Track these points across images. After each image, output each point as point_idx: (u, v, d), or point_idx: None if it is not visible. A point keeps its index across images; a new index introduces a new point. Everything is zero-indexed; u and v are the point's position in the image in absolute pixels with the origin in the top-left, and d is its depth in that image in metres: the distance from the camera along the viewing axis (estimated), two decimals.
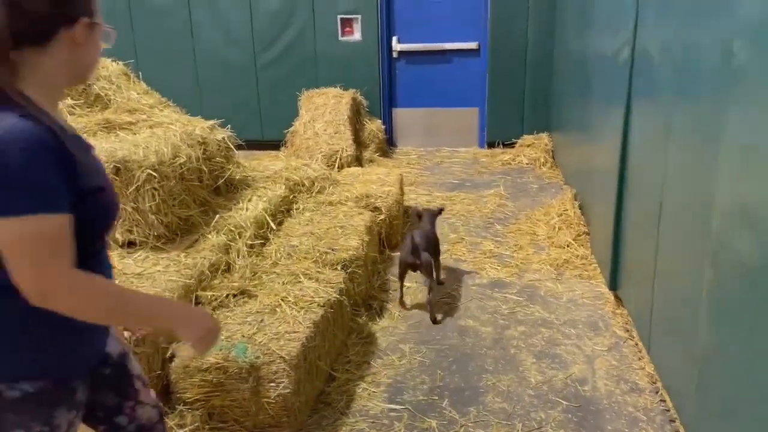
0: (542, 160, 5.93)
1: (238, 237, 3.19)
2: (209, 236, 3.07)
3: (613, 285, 3.37)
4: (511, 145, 6.43)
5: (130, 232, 2.84)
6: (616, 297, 3.37)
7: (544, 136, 6.25)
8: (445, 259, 3.95)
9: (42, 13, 1.17)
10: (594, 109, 3.93)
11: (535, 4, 6.16)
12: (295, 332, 2.46)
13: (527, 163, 6.01)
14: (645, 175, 2.80)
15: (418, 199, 5.07)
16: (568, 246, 4.03)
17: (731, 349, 1.78)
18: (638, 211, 2.93)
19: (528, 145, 6.22)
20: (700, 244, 2.01)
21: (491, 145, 6.65)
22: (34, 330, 1.22)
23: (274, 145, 6.49)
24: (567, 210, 4.40)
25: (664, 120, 2.48)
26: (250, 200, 3.62)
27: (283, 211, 3.76)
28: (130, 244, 2.87)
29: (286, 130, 6.28)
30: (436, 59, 6.57)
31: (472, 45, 6.52)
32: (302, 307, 2.65)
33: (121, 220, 2.82)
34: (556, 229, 4.26)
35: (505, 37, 6.30)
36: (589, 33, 4.11)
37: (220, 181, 3.55)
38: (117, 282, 1.43)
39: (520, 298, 3.46)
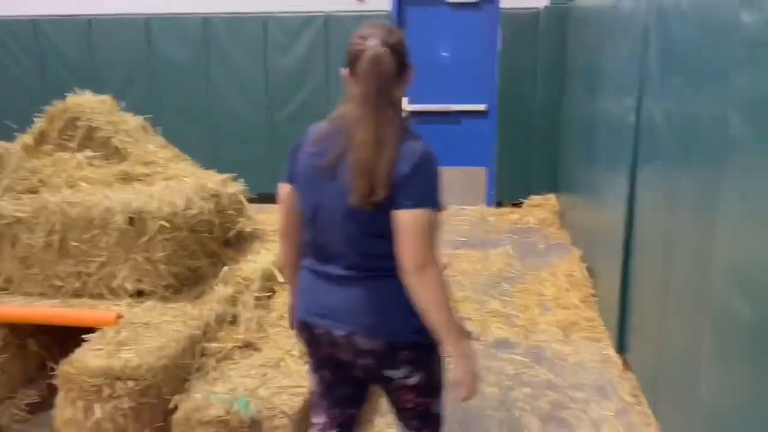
0: (550, 220, 5.97)
1: (245, 289, 3.21)
2: (217, 288, 3.10)
3: (621, 348, 3.35)
4: (519, 205, 6.49)
5: (140, 281, 2.88)
6: (624, 360, 3.33)
7: (552, 197, 6.31)
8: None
9: (405, 52, 1.65)
10: (600, 172, 3.99)
11: (544, 68, 6.34)
12: (298, 387, 2.45)
13: (535, 224, 6.05)
14: (650, 238, 2.83)
15: None
16: (575, 307, 4.01)
17: (736, 415, 1.76)
18: (644, 275, 2.95)
19: (536, 206, 6.28)
20: (702, 307, 2.02)
21: (499, 204, 6.71)
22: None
23: None
24: (574, 271, 4.40)
25: (668, 185, 2.53)
26: (258, 253, 3.66)
27: None
28: (140, 294, 2.90)
29: None
30: (446, 119, 6.72)
31: (481, 107, 6.69)
32: (306, 362, 2.64)
33: (132, 270, 2.87)
34: (564, 290, 4.26)
35: (513, 100, 6.46)
36: (596, 98, 4.22)
37: (231, 234, 3.60)
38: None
39: (526, 359, 3.43)
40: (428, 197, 1.58)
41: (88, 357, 2.37)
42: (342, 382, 1.82)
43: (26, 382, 2.87)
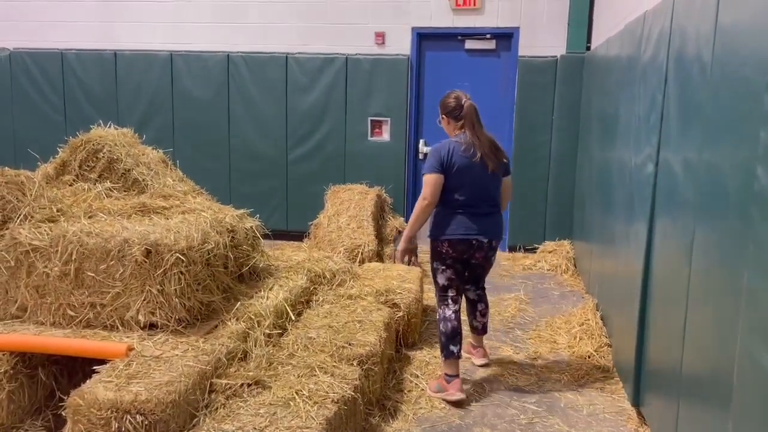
0: (564, 267, 5.93)
1: (257, 325, 3.19)
2: (229, 323, 3.08)
3: (636, 401, 3.27)
4: (533, 250, 6.46)
5: (153, 314, 2.87)
6: (639, 414, 3.25)
7: (566, 243, 6.28)
8: (463, 362, 3.89)
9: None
10: (617, 220, 3.97)
11: (559, 115, 6.39)
12: (307, 428, 2.41)
13: (548, 270, 6.01)
14: (670, 288, 2.79)
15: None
16: (589, 357, 3.94)
17: None
18: (662, 325, 2.89)
19: (550, 251, 6.24)
20: (727, 361, 1.98)
21: (512, 249, 6.68)
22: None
23: (298, 236, 6.60)
24: (588, 319, 4.34)
25: (687, 235, 2.50)
26: (271, 289, 3.65)
27: (303, 301, 3.77)
28: (152, 326, 2.88)
29: (311, 222, 6.39)
30: None
31: None
32: (316, 402, 2.60)
33: (145, 302, 2.86)
34: (577, 338, 4.19)
35: (528, 146, 6.50)
36: (613, 146, 4.23)
37: (245, 269, 3.60)
38: None
39: (539, 409, 3.36)
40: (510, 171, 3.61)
41: (98, 389, 2.34)
42: (463, 270, 3.58)
43: (34, 412, 2.84)
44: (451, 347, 3.41)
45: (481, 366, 3.84)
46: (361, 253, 5.66)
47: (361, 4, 6.72)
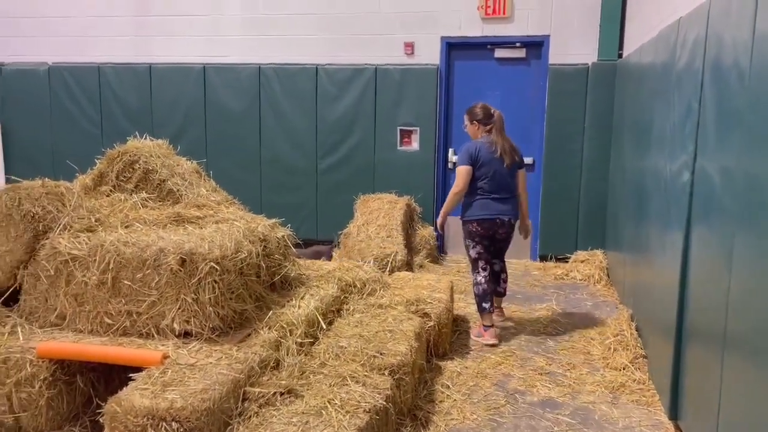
0: (596, 277, 5.84)
1: (288, 334, 3.21)
2: (261, 331, 3.11)
3: (674, 414, 3.19)
4: (564, 260, 6.38)
5: (187, 322, 2.91)
6: (677, 428, 3.17)
7: (599, 253, 6.19)
8: (494, 372, 3.86)
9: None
10: (652, 229, 3.90)
11: (591, 123, 6.32)
12: None
13: (581, 279, 5.92)
14: (707, 299, 2.73)
15: (467, 308, 5.02)
16: (624, 369, 3.87)
17: None
18: (700, 337, 2.83)
19: (582, 261, 6.15)
20: None
21: (543, 259, 6.61)
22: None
23: (327, 244, 6.63)
24: (623, 330, 4.26)
25: (726, 244, 2.45)
26: (302, 298, 3.67)
27: (333, 310, 3.78)
28: (186, 335, 2.92)
29: (340, 231, 6.42)
30: None
31: (527, 160, 6.65)
32: (348, 412, 2.60)
33: (180, 310, 2.90)
34: (612, 349, 4.11)
35: (560, 154, 6.45)
36: (647, 154, 4.17)
37: (277, 278, 3.63)
38: None
39: (573, 421, 3.30)
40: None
41: (135, 396, 2.38)
42: (491, 244, 4.48)
43: (72, 418, 2.89)
44: (484, 305, 4.38)
45: (501, 322, 4.72)
46: (391, 262, 5.67)
47: (390, 15, 6.76)
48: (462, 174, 4.32)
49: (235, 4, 7.08)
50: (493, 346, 4.27)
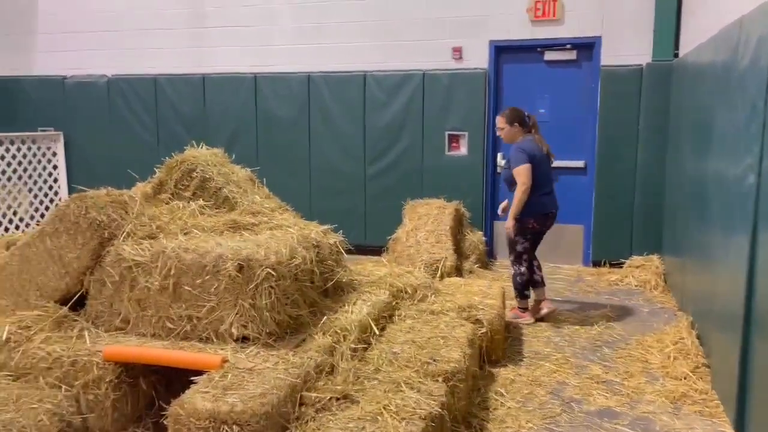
0: (653, 282, 5.68)
1: (342, 339, 3.23)
2: (316, 337, 3.14)
3: (740, 426, 3.07)
4: (619, 265, 6.23)
5: (245, 327, 2.97)
6: None
7: (655, 258, 6.02)
8: (549, 380, 3.80)
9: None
10: (714, 233, 3.77)
11: (646, 125, 6.17)
12: None
13: (636, 285, 5.77)
14: None
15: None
16: (685, 378, 3.74)
17: None
18: None
19: (637, 267, 5.99)
20: None
21: (597, 264, 6.47)
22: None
23: (376, 250, 6.66)
24: (683, 338, 4.13)
25: None
26: (355, 303, 3.69)
27: (385, 316, 3.79)
28: (244, 339, 2.98)
29: (389, 237, 6.44)
30: None
31: (579, 163, 6.56)
32: (404, 418, 2.60)
33: (238, 315, 2.96)
34: (671, 358, 3.99)
35: (613, 157, 6.31)
36: (708, 156, 4.04)
37: (329, 284, 3.67)
38: None
39: (633, 431, 3.21)
40: None
41: (197, 399, 2.44)
42: (537, 238, 4.85)
43: (135, 420, 2.99)
44: (526, 292, 4.86)
45: (550, 312, 4.89)
46: (441, 268, 5.65)
47: (438, 20, 6.76)
48: (526, 172, 4.55)
49: (286, 14, 7.21)
50: (529, 324, 4.81)
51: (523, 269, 4.79)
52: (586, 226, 6.59)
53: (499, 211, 5.14)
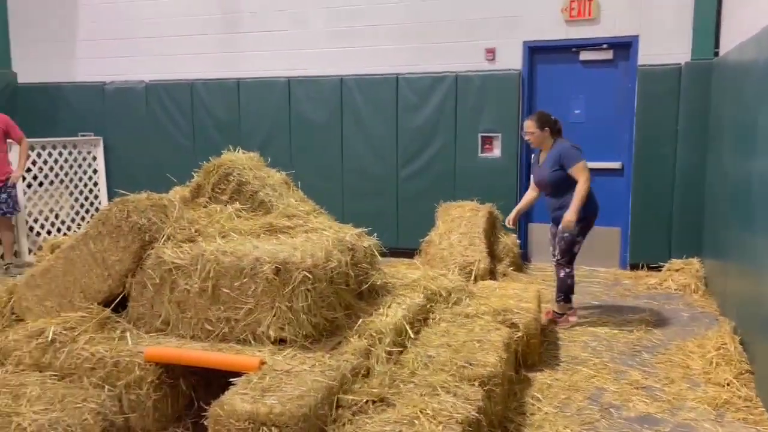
0: (693, 287, 5.55)
1: (378, 342, 3.24)
2: (351, 340, 3.15)
3: None
4: (657, 269, 6.10)
5: (282, 329, 3.00)
6: None
7: (695, 262, 5.88)
8: (586, 385, 3.74)
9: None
10: (759, 236, 3.67)
11: (685, 125, 6.04)
12: None
13: (676, 289, 5.65)
14: None
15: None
16: (728, 384, 3.65)
17: None
18: None
19: (676, 270, 5.86)
20: None
21: (634, 267, 6.35)
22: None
23: (408, 252, 6.65)
24: (726, 344, 4.03)
25: None
26: (389, 306, 3.69)
27: (420, 319, 3.79)
28: (281, 341, 3.01)
29: (421, 240, 6.42)
30: None
31: (615, 165, 6.45)
32: (441, 422, 2.59)
33: (275, 318, 2.99)
34: (713, 364, 3.89)
35: (650, 158, 6.19)
36: (752, 157, 3.93)
37: (364, 287, 3.68)
38: None
39: None
40: None
41: (236, 401, 2.47)
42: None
43: (175, 420, 3.04)
44: (571, 296, 4.79)
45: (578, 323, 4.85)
46: (474, 271, 5.61)
47: (471, 21, 6.73)
48: (586, 168, 4.52)
49: (318, 18, 7.26)
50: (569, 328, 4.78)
51: (573, 272, 4.75)
52: (623, 228, 6.48)
53: (510, 222, 4.98)
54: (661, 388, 3.71)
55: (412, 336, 3.50)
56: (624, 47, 6.32)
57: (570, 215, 4.48)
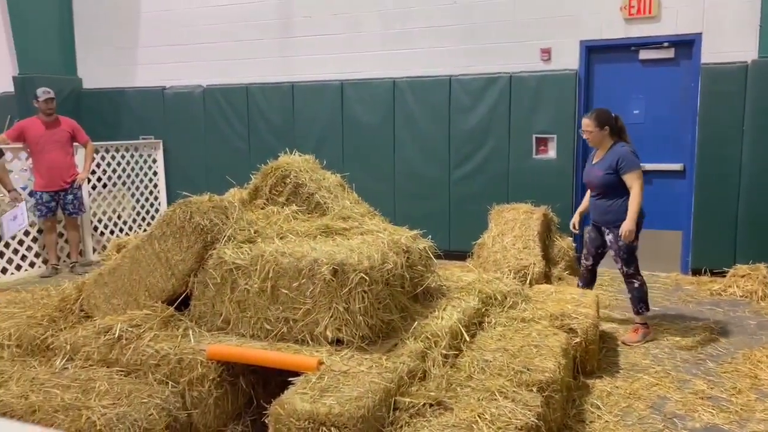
0: (761, 293, 5.32)
1: (434, 345, 3.22)
2: (407, 342, 3.15)
3: None
4: (721, 274, 5.88)
5: (339, 330, 3.02)
6: None
7: (762, 267, 5.63)
8: (648, 393, 3.63)
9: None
10: None
11: (752, 126, 5.80)
12: None
13: (741, 296, 5.43)
14: None
15: (613, 324, 4.77)
16: None
17: None
18: None
19: (742, 276, 5.63)
20: None
21: (696, 273, 6.13)
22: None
23: (460, 255, 6.60)
24: None
25: None
26: (444, 309, 3.67)
27: (475, 323, 3.75)
28: (338, 342, 3.04)
29: (474, 242, 6.36)
30: None
31: (676, 166, 6.25)
32: (499, 428, 2.56)
33: (333, 318, 3.02)
34: None
35: (714, 160, 5.96)
36: None
37: (419, 289, 3.66)
38: None
39: None
40: None
41: (296, 400, 2.50)
42: None
43: (235, 417, 3.11)
44: (648, 302, 4.59)
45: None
46: (529, 275, 5.53)
47: (526, 21, 6.64)
48: (642, 176, 4.42)
49: (371, 21, 7.30)
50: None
51: (643, 277, 4.58)
52: (684, 231, 6.26)
53: (575, 226, 4.92)
54: (727, 399, 3.57)
55: (467, 339, 3.47)
56: (686, 45, 6.11)
57: (629, 225, 4.35)
